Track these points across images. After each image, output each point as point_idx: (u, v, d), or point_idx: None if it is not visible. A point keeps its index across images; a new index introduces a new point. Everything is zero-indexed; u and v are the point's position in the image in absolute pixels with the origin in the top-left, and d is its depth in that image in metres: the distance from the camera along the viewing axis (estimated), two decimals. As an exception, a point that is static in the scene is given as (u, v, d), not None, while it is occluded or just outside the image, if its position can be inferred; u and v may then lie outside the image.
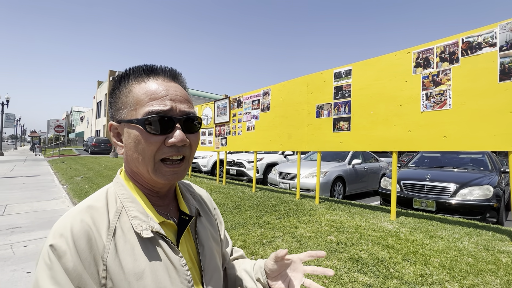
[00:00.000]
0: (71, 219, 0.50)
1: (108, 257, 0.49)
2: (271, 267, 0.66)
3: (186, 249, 0.61)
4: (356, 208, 3.95)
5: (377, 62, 3.58)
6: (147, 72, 0.58)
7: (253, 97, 5.61)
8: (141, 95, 0.55)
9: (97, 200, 0.55)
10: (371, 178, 7.50)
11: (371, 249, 2.50)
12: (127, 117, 0.56)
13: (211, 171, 10.14)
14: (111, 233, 0.51)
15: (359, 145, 3.72)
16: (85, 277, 0.46)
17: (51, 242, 0.47)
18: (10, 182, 8.11)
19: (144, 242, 0.53)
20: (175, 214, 0.64)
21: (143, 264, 0.51)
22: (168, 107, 0.54)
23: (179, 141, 0.54)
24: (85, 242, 0.48)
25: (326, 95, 4.14)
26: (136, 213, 0.55)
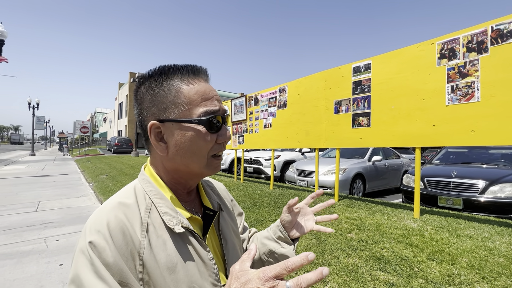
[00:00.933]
0: (105, 215, 0.51)
1: (145, 252, 0.50)
2: (287, 219, 0.73)
3: (211, 243, 0.63)
4: (377, 205, 3.85)
5: (398, 55, 3.46)
6: (194, 73, 0.59)
7: (270, 94, 5.60)
8: (193, 95, 0.56)
9: (127, 197, 0.56)
10: (392, 175, 7.27)
11: (394, 248, 2.43)
12: (180, 117, 0.56)
13: (229, 169, 10.26)
14: (145, 229, 0.52)
15: (379, 141, 3.62)
16: (125, 271, 0.48)
17: (89, 239, 0.48)
18: (42, 180, 8.63)
19: (175, 237, 0.54)
20: (199, 209, 0.66)
21: (175, 259, 0.53)
22: (217, 107, 0.58)
23: (228, 139, 0.60)
24: (121, 238, 0.49)
25: (344, 91, 4.06)
26: (166, 209, 0.56)
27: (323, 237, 2.77)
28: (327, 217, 0.76)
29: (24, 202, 5.54)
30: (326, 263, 2.32)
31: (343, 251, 2.46)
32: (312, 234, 2.88)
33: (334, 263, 2.29)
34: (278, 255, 0.74)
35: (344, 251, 2.46)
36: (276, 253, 0.74)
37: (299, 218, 0.76)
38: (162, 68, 0.59)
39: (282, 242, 0.75)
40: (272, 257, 0.76)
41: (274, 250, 0.75)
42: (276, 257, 0.75)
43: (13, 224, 4.10)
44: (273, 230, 0.77)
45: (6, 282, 2.48)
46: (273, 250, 0.75)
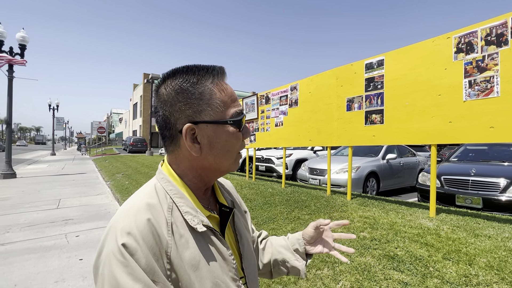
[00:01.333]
0: (133, 217, 0.52)
1: (172, 251, 0.52)
2: (312, 234, 0.79)
3: (228, 239, 0.65)
4: (391, 204, 3.78)
5: (413, 50, 3.37)
6: (222, 75, 0.61)
7: (281, 92, 5.59)
8: (224, 97, 0.59)
9: (151, 197, 0.57)
10: (407, 174, 7.10)
11: (408, 247, 2.39)
12: (216, 118, 0.58)
13: (241, 167, 10.32)
14: (170, 229, 0.53)
15: (393, 138, 3.55)
16: (157, 271, 0.49)
17: (121, 241, 0.48)
18: (62, 179, 9.00)
19: (196, 235, 0.56)
20: (214, 206, 0.68)
21: (197, 256, 0.54)
22: (241, 107, 0.63)
23: (249, 135, 0.65)
24: (151, 238, 0.50)
25: (356, 88, 4.00)
26: (188, 208, 0.57)
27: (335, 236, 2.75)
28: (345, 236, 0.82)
29: (46, 200, 5.80)
30: (338, 261, 2.31)
31: (355, 250, 2.44)
32: (324, 233, 2.86)
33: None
34: (290, 266, 0.79)
35: (356, 250, 2.43)
36: (289, 263, 0.79)
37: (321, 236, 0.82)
38: (191, 68, 0.59)
39: (297, 255, 0.79)
40: (283, 265, 0.80)
41: (288, 260, 0.79)
42: (287, 267, 0.80)
43: (36, 221, 4.31)
44: (292, 242, 0.82)
45: (30, 275, 2.62)
46: (287, 260, 0.79)
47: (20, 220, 4.36)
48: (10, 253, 3.11)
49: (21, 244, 3.38)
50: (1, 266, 2.78)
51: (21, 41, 9.24)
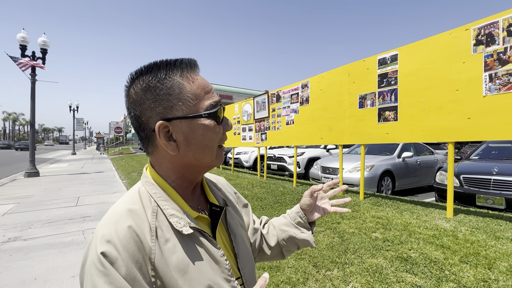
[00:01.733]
0: (114, 225, 0.50)
1: (156, 258, 0.50)
2: (308, 202, 0.78)
3: (221, 239, 0.63)
4: (406, 204, 3.66)
5: (428, 43, 3.24)
6: (191, 67, 0.58)
7: (292, 90, 5.53)
8: (196, 89, 0.56)
9: (134, 202, 0.55)
10: (425, 172, 6.85)
11: (422, 249, 2.30)
12: (189, 113, 0.55)
13: (253, 166, 10.33)
14: (154, 234, 0.52)
15: (408, 136, 3.42)
16: (138, 279, 0.47)
17: (100, 249, 0.47)
18: (81, 177, 9.35)
19: (184, 238, 0.54)
20: (205, 206, 0.65)
21: (186, 260, 0.52)
22: (218, 98, 0.59)
23: (231, 128, 0.62)
24: (133, 245, 0.49)
25: (369, 84, 3.89)
26: (173, 211, 0.55)
27: (346, 236, 2.70)
28: (341, 200, 0.80)
29: (66, 197, 6.04)
30: (348, 262, 2.25)
31: (367, 251, 2.38)
32: (334, 233, 2.81)
33: (357, 263, 2.22)
34: (298, 240, 0.78)
35: (368, 251, 2.37)
36: (297, 238, 0.78)
37: (317, 202, 0.81)
38: (158, 64, 0.56)
39: (302, 228, 0.79)
40: (291, 242, 0.80)
41: (294, 236, 0.78)
42: (296, 243, 0.80)
43: (56, 217, 4.50)
44: (292, 216, 0.81)
45: (49, 269, 2.74)
46: (294, 236, 0.79)
47: (42, 216, 4.56)
48: (31, 248, 3.26)
49: (41, 239, 3.53)
50: (23, 260, 2.91)
51: (42, 45, 9.67)
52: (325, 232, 2.87)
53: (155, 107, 0.54)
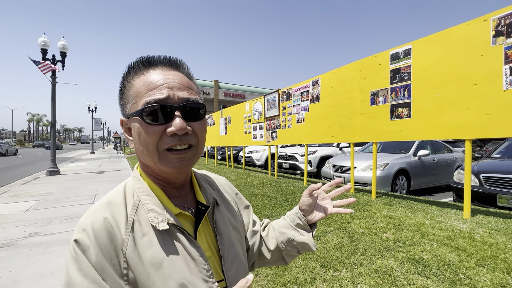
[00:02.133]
0: (92, 215, 0.52)
1: (127, 249, 0.51)
2: (307, 202, 0.72)
3: (204, 239, 0.61)
4: (420, 204, 3.53)
5: (444, 36, 3.09)
6: (146, 64, 0.57)
7: (302, 88, 5.46)
8: (140, 87, 0.55)
9: (115, 195, 0.57)
10: (442, 171, 6.58)
11: (436, 250, 2.21)
12: (130, 111, 0.56)
13: (265, 165, 10.31)
14: (129, 227, 0.52)
15: (422, 133, 3.30)
16: (107, 269, 0.49)
17: (75, 237, 0.50)
18: (99, 176, 9.68)
19: (162, 234, 0.54)
20: (193, 204, 0.64)
21: (161, 255, 0.52)
22: (165, 95, 0.53)
23: (178, 130, 0.52)
24: (105, 237, 0.50)
25: (381, 80, 3.78)
26: (152, 206, 0.55)
27: (356, 236, 2.64)
28: (344, 201, 0.75)
29: (83, 195, 6.28)
30: (357, 263, 2.20)
31: (377, 252, 2.31)
32: (344, 233, 2.76)
33: (366, 264, 2.17)
34: (297, 243, 0.73)
35: (378, 252, 2.31)
36: (295, 241, 0.73)
37: (318, 202, 0.76)
38: (128, 65, 0.59)
39: (301, 230, 0.73)
40: (290, 245, 0.75)
41: (293, 238, 0.74)
42: (295, 245, 0.74)
43: (74, 214, 4.68)
44: (291, 218, 0.76)
45: (65, 264, 2.85)
46: (292, 238, 0.74)
47: (61, 213, 4.76)
48: (50, 243, 3.41)
49: (59, 235, 3.69)
50: (42, 255, 3.05)
51: (61, 49, 10.06)
52: (334, 231, 2.82)
53: (120, 105, 0.60)
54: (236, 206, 0.76)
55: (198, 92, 0.61)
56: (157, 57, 0.58)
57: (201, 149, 0.59)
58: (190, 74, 0.62)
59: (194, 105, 0.56)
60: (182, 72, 0.60)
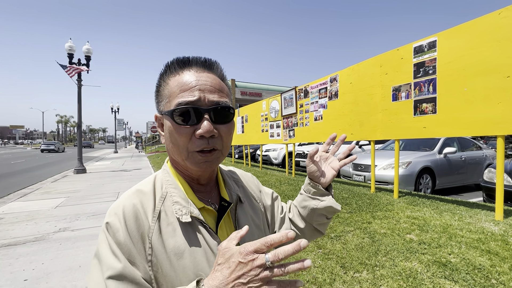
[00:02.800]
0: (123, 201, 0.57)
1: (153, 236, 0.54)
2: (313, 169, 0.73)
3: (226, 234, 0.62)
4: (447, 204, 3.36)
5: (472, 26, 2.91)
6: (181, 65, 0.59)
7: (320, 85, 5.36)
8: (174, 87, 0.57)
9: (146, 185, 0.61)
10: (471, 170, 6.22)
11: (465, 254, 2.09)
12: (164, 109, 0.59)
13: (282, 163, 10.26)
14: (156, 216, 0.56)
15: (448, 129, 3.13)
16: (133, 252, 0.52)
17: (107, 220, 0.54)
18: (122, 174, 10.07)
19: (185, 226, 0.56)
20: (217, 200, 0.66)
21: (183, 246, 0.54)
22: (196, 97, 0.55)
23: (206, 132, 0.54)
24: (133, 222, 0.53)
25: (404, 75, 3.62)
26: (178, 198, 0.58)
27: (377, 237, 2.55)
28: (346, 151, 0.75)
29: (108, 193, 6.55)
30: (379, 264, 2.13)
31: (400, 253, 2.22)
32: (364, 233, 2.68)
33: (388, 266, 2.09)
34: (321, 209, 0.75)
35: (401, 253, 2.22)
36: (318, 208, 0.75)
37: (323, 164, 0.76)
38: (165, 64, 0.61)
39: (319, 196, 0.75)
40: (316, 215, 0.77)
41: (315, 207, 0.75)
42: (320, 213, 0.76)
43: (99, 211, 4.90)
44: (306, 189, 0.77)
45: (92, 258, 2.99)
46: (315, 207, 0.75)
47: (87, 209, 5.00)
48: (78, 238, 3.59)
49: (86, 231, 3.87)
50: (71, 249, 3.22)
51: (86, 52, 10.54)
52: (354, 232, 2.75)
53: (156, 101, 0.63)
54: (261, 204, 0.77)
55: (228, 94, 0.62)
56: (192, 58, 0.60)
57: (225, 151, 0.61)
58: (223, 75, 0.63)
59: (223, 108, 0.58)
60: (216, 73, 0.61)
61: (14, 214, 4.74)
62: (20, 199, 6.02)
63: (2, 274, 2.59)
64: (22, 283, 2.43)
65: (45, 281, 2.47)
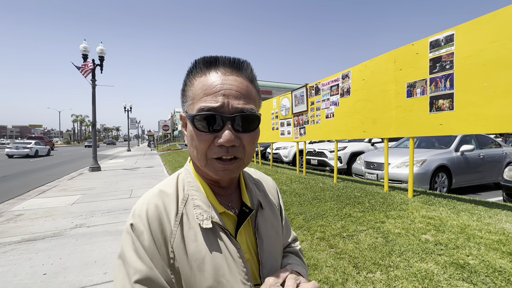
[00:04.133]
0: (147, 202, 0.56)
1: (175, 241, 0.53)
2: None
3: (244, 240, 0.61)
4: (464, 203, 3.24)
5: (493, 18, 2.78)
6: (207, 65, 0.56)
7: (331, 82, 5.28)
8: (198, 89, 0.54)
9: (169, 186, 0.60)
10: (489, 168, 6.00)
11: (484, 255, 2.01)
12: (187, 110, 0.57)
13: (293, 161, 10.19)
14: (178, 219, 0.55)
15: (466, 126, 3.01)
16: (156, 256, 0.52)
17: (131, 221, 0.54)
18: (135, 172, 10.28)
19: (206, 230, 0.55)
20: (237, 204, 0.64)
21: (203, 251, 0.54)
22: (219, 103, 0.52)
23: (226, 142, 0.51)
24: (157, 226, 0.53)
25: (419, 70, 3.51)
26: (199, 202, 0.57)
27: (391, 236, 2.50)
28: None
29: (121, 190, 6.70)
30: (393, 265, 2.08)
31: (415, 254, 2.17)
32: (378, 233, 2.62)
33: (403, 267, 2.04)
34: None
35: (416, 254, 2.16)
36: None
37: None
38: (192, 62, 0.59)
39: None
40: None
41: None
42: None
43: (113, 208, 5.02)
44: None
45: (107, 254, 3.06)
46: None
47: (102, 206, 5.14)
48: (93, 234, 3.69)
49: (101, 227, 3.98)
50: (87, 245, 3.31)
51: (100, 53, 10.78)
52: (367, 231, 2.70)
53: (181, 100, 0.61)
54: (278, 209, 0.75)
55: (256, 99, 0.59)
56: (220, 58, 0.57)
57: (247, 160, 0.58)
58: (253, 76, 0.60)
59: (247, 116, 0.54)
60: (244, 74, 0.58)
61: (33, 210, 4.93)
62: (38, 196, 6.24)
63: (23, 268, 2.70)
64: (41, 277, 2.52)
65: (63, 275, 2.55)
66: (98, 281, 2.45)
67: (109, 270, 2.67)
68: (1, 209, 5.15)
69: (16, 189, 7.32)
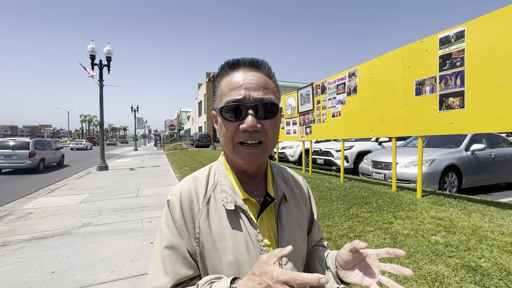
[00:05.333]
0: (182, 185, 0.68)
1: (201, 217, 0.63)
2: (345, 257, 0.61)
3: (266, 227, 0.66)
4: (475, 204, 3.16)
5: (506, 14, 2.70)
6: (230, 66, 0.65)
7: (338, 80, 5.22)
8: (224, 87, 0.64)
9: (202, 173, 0.72)
10: (501, 168, 5.84)
11: (497, 258, 1.95)
12: (217, 107, 0.66)
13: (299, 160, 10.14)
14: (206, 200, 0.65)
15: (478, 125, 2.93)
16: (183, 229, 0.63)
17: (169, 198, 0.67)
18: (141, 171, 10.36)
19: (230, 212, 0.64)
20: (262, 194, 0.71)
21: (226, 230, 0.62)
22: (241, 96, 0.61)
23: (249, 127, 0.60)
24: (187, 204, 0.65)
25: (428, 68, 3.43)
26: (226, 187, 0.67)
27: (400, 238, 2.45)
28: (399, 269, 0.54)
29: (128, 189, 6.77)
30: (401, 265, 2.04)
31: (424, 256, 2.12)
32: (386, 234, 2.58)
33: (412, 268, 2.00)
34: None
35: (426, 256, 2.11)
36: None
37: (360, 265, 0.61)
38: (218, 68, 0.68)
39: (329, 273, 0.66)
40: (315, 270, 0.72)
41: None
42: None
43: (120, 207, 5.07)
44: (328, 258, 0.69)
45: (114, 252, 3.09)
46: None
47: (109, 205, 5.19)
48: (100, 233, 3.73)
49: (108, 226, 4.01)
50: (94, 243, 3.35)
51: (107, 54, 10.90)
52: (375, 232, 2.65)
53: (212, 101, 0.70)
54: (308, 208, 0.80)
55: (275, 91, 0.66)
56: (241, 59, 0.66)
57: (271, 145, 0.65)
58: (270, 73, 0.68)
59: (267, 104, 0.62)
60: (263, 71, 0.66)
61: (42, 209, 5.01)
62: (48, 195, 6.35)
63: (32, 266, 2.74)
64: (49, 275, 2.55)
65: (70, 273, 2.58)
66: (105, 280, 2.46)
67: (116, 268, 2.69)
68: (11, 208, 5.26)
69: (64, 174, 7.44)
